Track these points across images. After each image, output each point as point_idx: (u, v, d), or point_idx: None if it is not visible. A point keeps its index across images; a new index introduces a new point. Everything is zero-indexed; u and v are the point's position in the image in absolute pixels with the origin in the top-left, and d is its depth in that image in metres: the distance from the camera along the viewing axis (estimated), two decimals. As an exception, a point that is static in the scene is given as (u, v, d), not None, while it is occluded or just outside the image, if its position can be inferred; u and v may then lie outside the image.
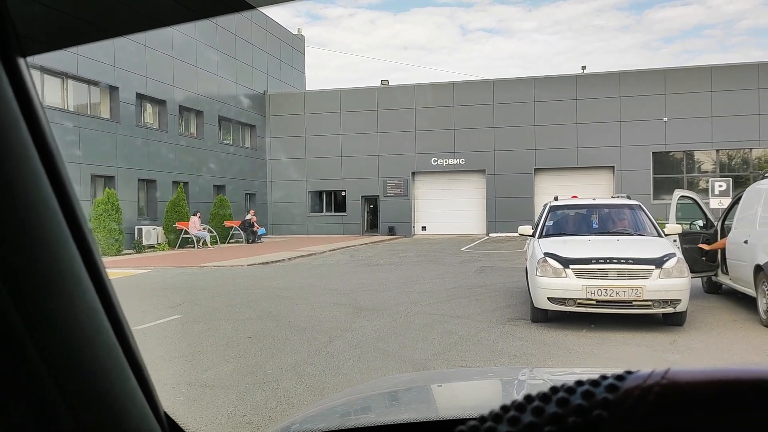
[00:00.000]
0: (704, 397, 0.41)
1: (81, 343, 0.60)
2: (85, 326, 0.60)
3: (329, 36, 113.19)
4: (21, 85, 0.56)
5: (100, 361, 0.62)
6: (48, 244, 0.57)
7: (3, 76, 0.54)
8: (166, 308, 9.96)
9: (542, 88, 30.56)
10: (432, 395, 1.79)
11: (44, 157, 0.57)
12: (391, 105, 32.30)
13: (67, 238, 0.59)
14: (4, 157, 0.53)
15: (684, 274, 7.64)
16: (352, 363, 6.39)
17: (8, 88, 0.55)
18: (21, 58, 0.56)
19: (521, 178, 30.76)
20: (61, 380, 0.58)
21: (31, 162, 0.56)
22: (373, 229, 33.04)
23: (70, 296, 0.59)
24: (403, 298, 10.67)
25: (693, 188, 29.59)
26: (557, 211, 9.89)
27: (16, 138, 0.54)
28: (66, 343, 0.58)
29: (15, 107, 0.55)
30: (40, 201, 0.56)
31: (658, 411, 0.41)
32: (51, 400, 0.58)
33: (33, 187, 0.56)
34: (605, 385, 0.44)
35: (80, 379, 0.60)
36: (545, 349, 6.90)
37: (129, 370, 0.65)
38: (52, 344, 0.57)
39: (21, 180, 0.54)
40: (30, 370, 0.56)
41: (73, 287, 0.59)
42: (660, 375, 0.43)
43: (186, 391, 5.48)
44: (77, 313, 0.59)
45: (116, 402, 0.63)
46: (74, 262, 0.59)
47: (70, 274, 0.59)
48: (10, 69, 0.55)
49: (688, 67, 29.72)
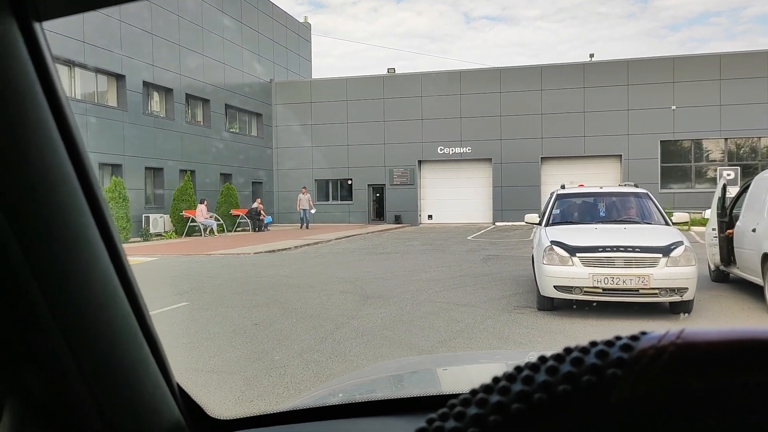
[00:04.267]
0: (719, 357, 0.41)
1: (96, 311, 0.60)
2: (99, 294, 0.61)
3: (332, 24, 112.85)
4: (37, 50, 0.56)
5: (115, 330, 0.62)
6: (63, 209, 0.57)
7: (20, 39, 0.54)
8: (173, 295, 10.01)
9: (549, 76, 30.39)
10: (439, 376, 1.80)
11: (59, 121, 0.57)
12: (397, 93, 32.20)
13: (81, 202, 0.59)
14: (21, 120, 0.53)
15: (691, 262, 7.62)
16: (359, 350, 6.42)
17: (25, 52, 0.55)
18: (37, 22, 0.57)
19: (528, 166, 30.66)
20: (76, 348, 0.59)
21: (46, 125, 0.56)
22: (379, 217, 33.04)
23: (86, 263, 0.59)
24: (409, 286, 10.68)
25: (701, 177, 29.45)
26: (564, 200, 9.86)
27: (32, 101, 0.55)
28: (81, 311, 0.59)
29: (31, 70, 0.55)
30: (55, 165, 0.56)
31: (673, 370, 0.42)
32: (67, 368, 0.58)
33: (49, 151, 0.56)
34: (619, 345, 0.44)
35: (95, 347, 0.60)
36: (551, 336, 6.91)
37: (143, 339, 0.66)
38: (68, 313, 0.58)
39: (36, 144, 0.55)
40: (47, 339, 0.57)
41: (88, 255, 0.60)
42: (675, 335, 0.43)
43: (193, 376, 5.52)
44: (92, 280, 0.60)
45: (130, 371, 0.64)
46: (90, 230, 0.60)
47: (85, 241, 0.59)
48: (26, 33, 0.55)
49: (696, 55, 29.47)
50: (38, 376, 0.57)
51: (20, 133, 0.53)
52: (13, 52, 0.53)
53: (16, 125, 0.53)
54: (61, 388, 0.59)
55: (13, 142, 0.53)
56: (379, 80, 32.85)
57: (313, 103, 33.42)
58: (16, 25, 0.54)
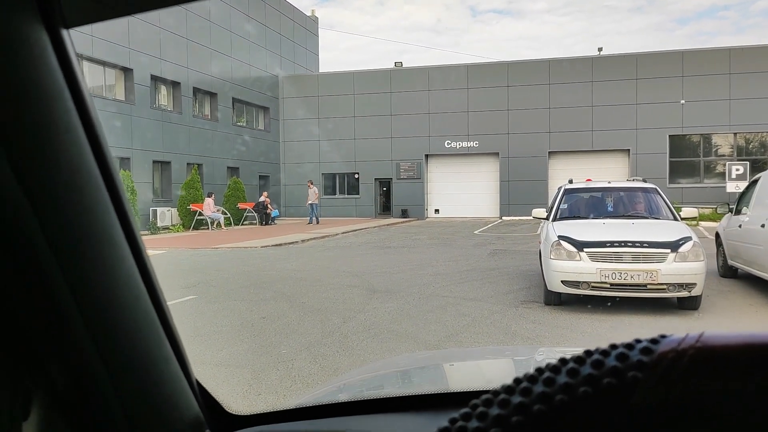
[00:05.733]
0: (738, 361, 0.42)
1: (120, 309, 0.61)
2: (124, 292, 0.62)
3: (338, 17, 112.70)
4: (65, 57, 0.57)
5: (138, 327, 0.64)
6: (89, 210, 0.58)
7: (49, 47, 0.55)
8: (181, 288, 10.06)
9: (557, 70, 30.25)
10: (447, 372, 1.80)
11: (86, 125, 0.58)
12: (404, 87, 32.13)
13: (107, 204, 0.60)
14: (50, 125, 0.54)
15: (700, 257, 7.59)
16: (366, 344, 6.43)
17: (54, 60, 0.56)
18: (64, 29, 0.57)
19: (535, 161, 30.56)
20: (101, 345, 0.60)
21: (74, 130, 0.57)
22: (385, 211, 33.04)
23: (111, 262, 0.60)
24: (416, 280, 10.69)
25: (709, 172, 29.28)
26: (571, 194, 9.83)
27: (62, 107, 0.56)
28: (106, 308, 0.60)
29: (60, 77, 0.56)
30: (83, 168, 0.57)
31: (692, 374, 0.42)
32: (91, 363, 0.59)
33: (76, 153, 0.57)
34: (639, 348, 0.45)
35: (119, 343, 0.61)
36: (558, 332, 6.91)
37: (164, 335, 0.67)
38: (93, 310, 0.59)
39: (65, 147, 0.56)
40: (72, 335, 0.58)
41: (113, 254, 0.61)
42: (694, 339, 0.44)
43: (201, 369, 5.55)
44: (117, 279, 0.61)
45: (152, 366, 0.65)
46: (114, 230, 0.61)
47: (110, 240, 0.60)
48: (54, 40, 0.56)
49: (705, 49, 29.25)
50: (63, 370, 0.59)
51: (50, 136, 0.54)
52: (42, 58, 0.54)
53: (47, 128, 0.54)
54: (85, 383, 0.60)
55: (43, 144, 0.54)
56: (387, 74, 32.78)
57: (321, 97, 33.40)
58: (45, 32, 0.55)
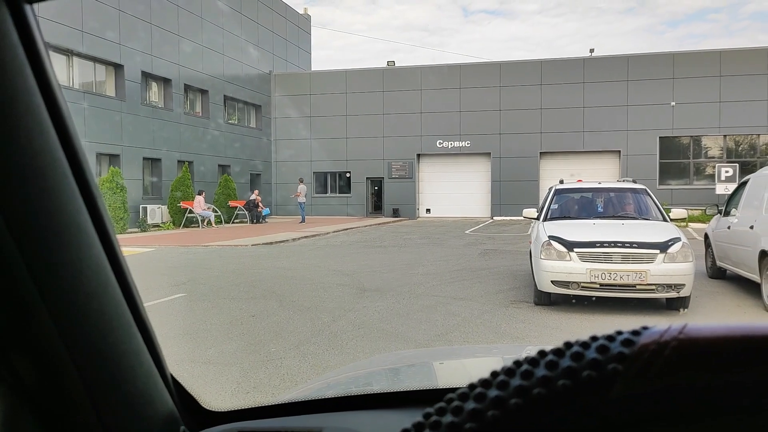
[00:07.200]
0: (721, 353, 0.41)
1: (88, 300, 0.59)
2: (91, 282, 0.60)
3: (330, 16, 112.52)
4: (27, 32, 0.55)
5: (107, 319, 0.62)
6: (53, 194, 0.56)
7: (9, 21, 0.53)
8: (170, 286, 10.00)
9: (549, 71, 30.33)
10: (436, 369, 1.79)
11: (50, 106, 0.56)
12: (396, 86, 32.12)
13: (73, 188, 0.58)
14: (10, 104, 0.52)
15: (688, 258, 7.62)
16: (355, 342, 6.42)
17: (14, 35, 0.54)
18: (27, 4, 0.55)
19: (527, 161, 30.63)
20: (67, 337, 0.58)
21: (36, 109, 0.55)
22: (377, 211, 33.03)
23: (77, 250, 0.58)
24: (406, 279, 10.68)
25: (699, 174, 29.44)
26: (562, 195, 9.86)
27: (22, 84, 0.54)
28: (72, 299, 0.58)
29: (21, 53, 0.54)
30: (46, 149, 0.55)
31: (674, 366, 0.41)
32: (58, 357, 0.57)
33: (38, 135, 0.55)
34: (621, 339, 0.43)
35: (87, 336, 0.59)
36: (547, 332, 6.92)
37: (136, 328, 0.65)
38: (59, 301, 0.57)
39: (26, 128, 0.54)
40: (38, 327, 0.56)
41: (80, 242, 0.58)
42: (677, 330, 0.43)
43: (190, 367, 5.52)
44: (84, 267, 0.59)
45: (122, 360, 0.63)
46: (81, 215, 0.58)
47: (76, 226, 0.58)
48: (16, 16, 0.54)
49: (696, 51, 29.41)
50: (29, 365, 0.57)
51: (9, 117, 0.52)
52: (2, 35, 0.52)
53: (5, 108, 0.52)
54: (53, 377, 0.58)
55: (1, 125, 0.52)
56: (379, 73, 32.76)
57: (312, 95, 33.33)
58: (5, 7, 0.53)
